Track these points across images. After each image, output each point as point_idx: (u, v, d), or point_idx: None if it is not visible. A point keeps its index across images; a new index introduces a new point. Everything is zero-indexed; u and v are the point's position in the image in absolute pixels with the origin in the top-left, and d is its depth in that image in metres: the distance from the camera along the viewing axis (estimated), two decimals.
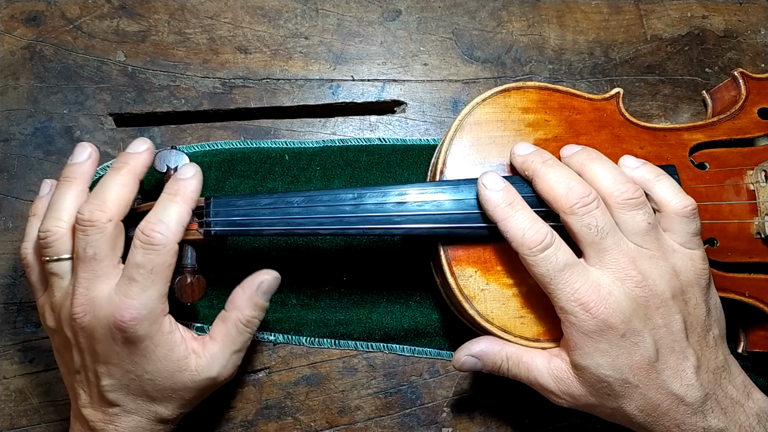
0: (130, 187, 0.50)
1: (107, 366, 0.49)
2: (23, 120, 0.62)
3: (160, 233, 0.47)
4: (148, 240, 0.47)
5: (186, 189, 0.50)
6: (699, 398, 0.47)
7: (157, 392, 0.50)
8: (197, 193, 0.51)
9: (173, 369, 0.49)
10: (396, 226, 0.51)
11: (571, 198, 0.47)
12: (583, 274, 0.46)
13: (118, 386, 0.49)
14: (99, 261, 0.48)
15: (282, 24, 0.66)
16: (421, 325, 0.60)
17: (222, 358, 0.51)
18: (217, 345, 0.51)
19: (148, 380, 0.49)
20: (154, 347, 0.48)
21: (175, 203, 0.49)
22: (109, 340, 0.48)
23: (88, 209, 0.48)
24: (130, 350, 0.48)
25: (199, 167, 0.52)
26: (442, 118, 0.65)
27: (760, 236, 0.55)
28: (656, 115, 0.66)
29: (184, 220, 0.49)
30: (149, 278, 0.47)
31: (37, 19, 0.64)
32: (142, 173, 0.52)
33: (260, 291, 0.52)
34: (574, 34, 0.67)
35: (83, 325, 0.48)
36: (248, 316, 0.52)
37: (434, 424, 0.60)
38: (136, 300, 0.47)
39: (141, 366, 0.49)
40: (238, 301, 0.52)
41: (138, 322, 0.47)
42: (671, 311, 0.47)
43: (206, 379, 0.51)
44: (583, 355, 0.47)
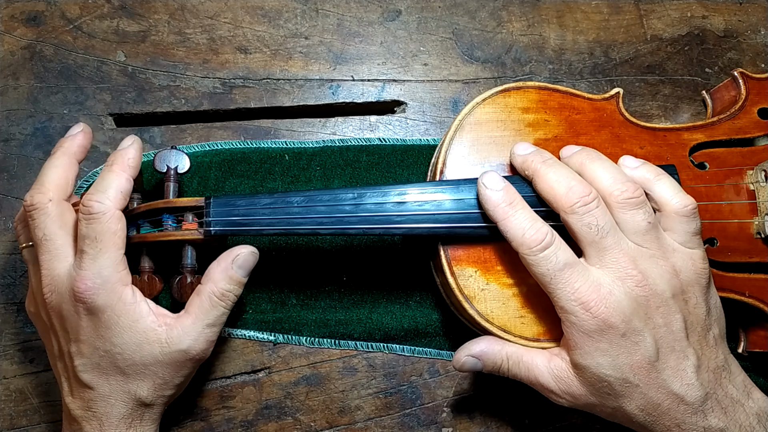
0: (64, 167, 0.52)
1: (77, 344, 0.50)
2: (23, 120, 0.62)
3: (98, 201, 0.49)
4: (88, 210, 0.49)
5: (122, 157, 0.52)
6: (699, 398, 0.47)
7: (128, 367, 0.50)
8: (135, 161, 0.52)
9: (141, 340, 0.50)
10: (396, 226, 0.51)
11: (572, 197, 0.47)
12: (583, 273, 0.46)
13: (90, 365, 0.50)
14: (50, 240, 0.50)
15: (282, 24, 0.66)
16: (421, 325, 0.60)
17: (194, 331, 0.51)
18: (189, 317, 0.51)
19: (117, 354, 0.49)
20: (117, 317, 0.49)
21: (111, 172, 0.51)
22: (74, 315, 0.49)
23: (29, 195, 0.50)
24: (94, 323, 0.49)
25: (137, 137, 0.54)
26: (442, 118, 0.65)
27: (760, 236, 0.55)
28: (656, 115, 0.66)
29: (122, 187, 0.51)
30: (96, 247, 0.48)
31: (37, 19, 0.64)
32: (79, 153, 0.53)
33: (235, 264, 0.52)
34: (574, 34, 0.67)
35: (52, 304, 0.50)
36: (222, 288, 0.52)
37: (434, 424, 0.60)
38: (88, 270, 0.48)
39: (107, 339, 0.49)
40: (212, 273, 0.52)
41: (94, 291, 0.48)
42: (671, 310, 0.47)
43: (177, 351, 0.50)
44: (583, 355, 0.47)
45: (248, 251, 0.53)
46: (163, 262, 0.55)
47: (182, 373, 0.52)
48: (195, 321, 0.51)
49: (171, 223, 0.53)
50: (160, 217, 0.53)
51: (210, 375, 0.59)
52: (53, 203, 0.50)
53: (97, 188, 0.50)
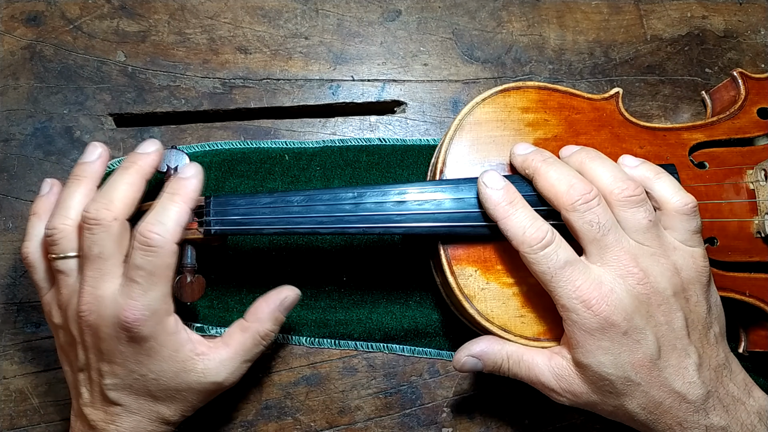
0: (136, 186, 0.50)
1: (111, 365, 0.49)
2: (23, 120, 0.62)
3: (158, 234, 0.47)
4: (147, 242, 0.47)
5: (186, 189, 0.50)
6: (701, 396, 0.47)
7: (161, 392, 0.50)
8: (197, 193, 0.50)
9: (179, 369, 0.49)
10: (396, 226, 0.51)
11: (573, 195, 0.47)
12: (584, 271, 0.46)
13: (121, 385, 0.49)
14: (104, 260, 0.48)
15: (282, 24, 0.66)
16: (421, 325, 0.60)
17: (231, 365, 0.52)
18: (229, 351, 0.52)
19: (152, 380, 0.49)
20: (159, 347, 0.48)
21: (174, 203, 0.49)
22: (113, 339, 0.48)
23: (94, 207, 0.48)
24: (134, 350, 0.48)
25: (200, 167, 0.51)
26: (442, 118, 0.65)
27: (760, 235, 0.55)
28: (656, 115, 0.66)
29: (183, 221, 0.49)
30: (150, 280, 0.47)
31: (37, 19, 0.64)
32: (150, 173, 0.52)
33: (283, 306, 0.53)
34: (574, 34, 0.67)
35: (89, 323, 0.48)
36: (268, 329, 0.53)
37: (434, 424, 0.59)
38: (139, 301, 0.47)
39: (146, 365, 0.49)
40: (260, 313, 0.53)
41: (142, 323, 0.47)
42: (673, 308, 0.47)
43: (212, 382, 0.51)
44: (585, 353, 0.47)
45: (295, 294, 0.54)
46: None
47: (209, 398, 0.53)
48: (234, 356, 0.52)
49: None
50: None
51: None
52: (118, 222, 0.48)
53: (158, 218, 0.48)
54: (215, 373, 0.51)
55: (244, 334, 0.52)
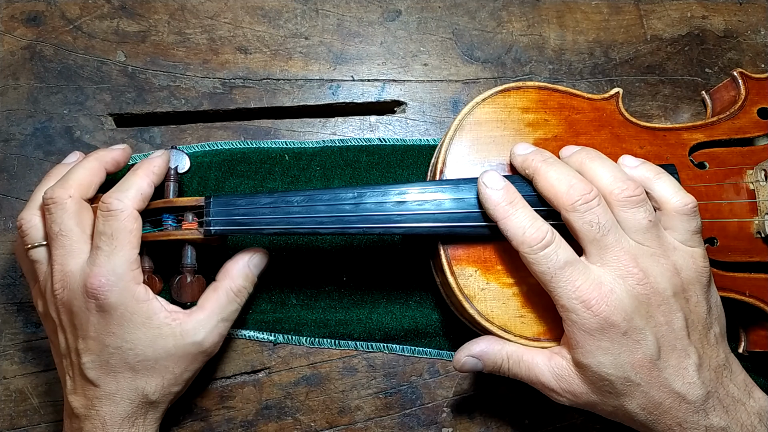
0: (92, 170, 0.53)
1: (86, 340, 0.50)
2: (23, 120, 0.62)
3: (117, 199, 0.50)
4: (106, 207, 0.50)
5: (148, 163, 0.53)
6: (701, 396, 0.47)
7: (138, 363, 0.50)
8: (160, 169, 0.53)
9: (155, 335, 0.50)
10: (396, 226, 0.51)
11: (573, 195, 0.47)
12: (584, 271, 0.46)
13: (98, 362, 0.50)
14: (65, 236, 0.50)
15: (282, 24, 0.66)
16: (421, 325, 0.60)
17: (208, 324, 0.52)
18: (204, 311, 0.53)
19: (128, 350, 0.50)
20: (130, 315, 0.49)
21: (135, 175, 0.52)
22: (84, 312, 0.49)
23: (50, 189, 0.51)
24: (105, 320, 0.49)
25: (168, 152, 0.55)
26: (442, 118, 0.65)
27: (760, 235, 0.55)
28: (656, 115, 0.66)
29: (142, 189, 0.51)
30: (112, 244, 0.49)
31: (37, 19, 0.64)
32: (110, 164, 0.54)
33: (251, 263, 0.55)
34: (574, 35, 0.67)
35: (63, 300, 0.50)
36: (239, 285, 0.54)
37: (434, 424, 0.59)
38: (103, 267, 0.48)
39: (119, 336, 0.49)
40: (230, 270, 0.55)
41: (108, 288, 0.48)
42: (673, 309, 0.47)
43: (192, 343, 0.51)
44: (585, 353, 0.47)
45: (263, 252, 0.56)
46: (163, 262, 0.55)
47: (192, 367, 0.53)
48: (210, 314, 0.53)
49: (171, 223, 0.53)
50: (160, 216, 0.53)
51: (210, 375, 0.59)
52: (72, 199, 0.50)
53: (118, 188, 0.51)
54: (193, 333, 0.51)
55: (217, 292, 0.54)
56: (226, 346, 0.59)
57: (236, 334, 0.59)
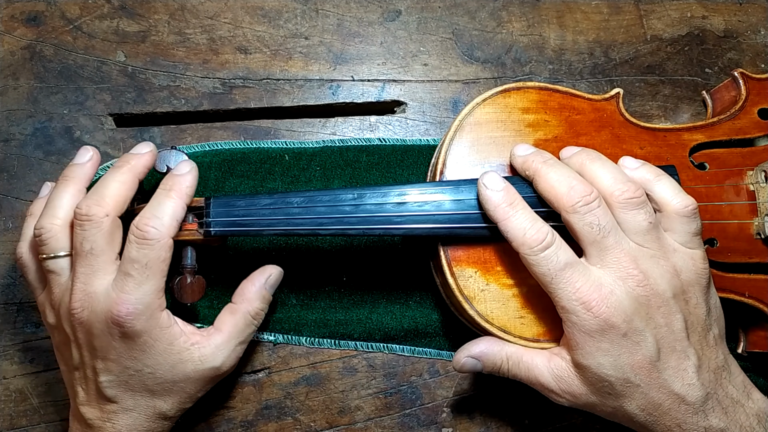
0: (128, 185, 0.51)
1: (105, 361, 0.49)
2: (23, 120, 0.62)
3: (154, 228, 0.48)
4: (142, 235, 0.47)
5: (181, 184, 0.50)
6: (700, 398, 0.47)
7: (157, 386, 0.50)
8: (192, 189, 0.51)
9: (175, 361, 0.50)
10: (396, 227, 0.51)
11: (573, 196, 0.47)
12: (584, 273, 0.46)
13: (116, 382, 0.49)
14: (96, 256, 0.48)
15: (282, 24, 0.66)
16: (421, 325, 0.60)
17: (227, 349, 0.52)
18: (223, 335, 0.52)
19: (149, 374, 0.49)
20: (153, 342, 0.49)
21: (169, 198, 0.50)
22: (106, 335, 0.48)
23: (85, 204, 0.48)
24: (128, 345, 0.48)
25: (195, 164, 0.52)
26: (442, 118, 0.65)
27: (760, 236, 0.55)
28: (656, 116, 0.66)
29: (178, 215, 0.49)
30: (144, 273, 0.47)
31: (37, 19, 0.64)
32: (143, 173, 0.52)
33: (268, 284, 0.55)
34: (574, 35, 0.67)
35: (81, 320, 0.48)
36: (257, 308, 0.54)
37: (434, 424, 0.60)
38: (132, 295, 0.47)
39: (141, 361, 0.49)
40: (247, 293, 0.54)
41: (134, 317, 0.47)
42: (672, 310, 0.47)
43: (210, 368, 0.51)
44: (584, 355, 0.47)
45: (278, 271, 0.56)
46: None
47: (207, 387, 0.53)
48: (229, 339, 0.52)
49: None
50: None
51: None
52: (109, 218, 0.48)
53: (154, 213, 0.49)
54: (212, 359, 0.51)
55: (235, 316, 0.53)
56: None
57: None
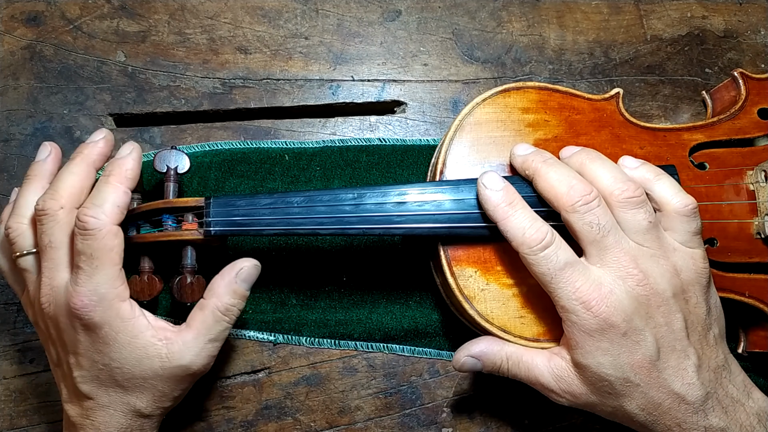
0: (82, 175, 0.51)
1: (76, 356, 0.49)
2: (23, 120, 0.62)
3: (93, 217, 0.47)
4: (83, 225, 0.47)
5: (120, 168, 0.50)
6: (700, 397, 0.47)
7: (126, 381, 0.49)
8: (133, 172, 0.51)
9: (140, 355, 0.49)
10: (396, 226, 0.51)
11: (573, 196, 0.47)
12: (584, 272, 0.47)
13: (89, 377, 0.49)
14: (55, 248, 0.48)
15: (282, 24, 0.66)
16: (421, 325, 0.60)
17: (195, 346, 0.50)
18: (191, 332, 0.51)
19: (116, 368, 0.49)
20: (115, 334, 0.48)
21: (107, 184, 0.49)
22: (71, 329, 0.48)
23: (41, 199, 0.49)
24: (91, 338, 0.48)
25: (137, 145, 0.52)
26: (442, 118, 0.65)
27: (760, 236, 0.55)
28: (656, 116, 0.66)
29: (119, 201, 0.49)
30: (92, 264, 0.47)
31: (37, 19, 0.64)
32: (99, 162, 0.52)
33: (239, 278, 0.52)
34: (574, 35, 0.67)
35: (50, 315, 0.49)
36: (227, 303, 0.51)
37: (434, 424, 0.60)
38: (84, 287, 0.47)
39: (106, 354, 0.48)
40: (216, 287, 0.51)
41: (90, 308, 0.47)
42: (672, 310, 0.47)
43: (178, 366, 0.50)
44: (584, 354, 0.47)
45: (251, 264, 0.52)
46: (163, 262, 0.55)
47: (181, 386, 0.52)
48: (197, 336, 0.51)
49: (171, 224, 0.53)
50: (160, 217, 0.53)
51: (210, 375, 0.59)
52: (64, 211, 0.49)
53: (93, 201, 0.48)
54: (179, 357, 0.50)
55: (204, 312, 0.51)
56: (226, 346, 0.59)
57: (236, 334, 0.59)
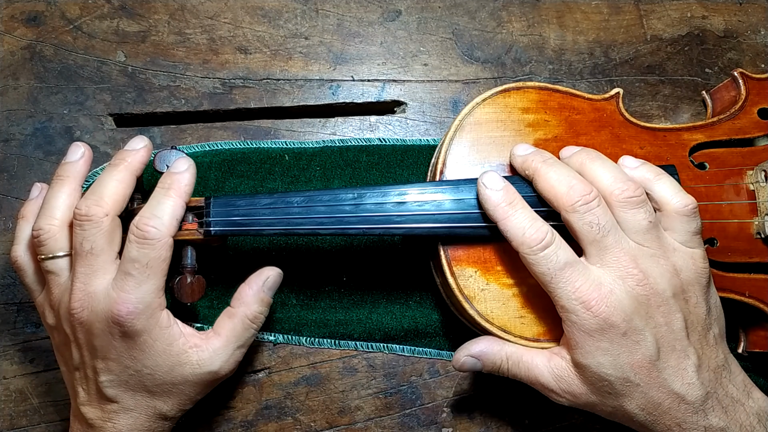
0: (126, 182, 0.50)
1: (105, 361, 0.49)
2: (23, 120, 0.62)
3: (154, 227, 0.48)
4: (143, 235, 0.47)
5: (179, 182, 0.50)
6: (700, 397, 0.47)
7: (156, 387, 0.50)
8: (190, 187, 0.51)
9: (173, 363, 0.49)
10: (396, 226, 0.51)
11: (573, 196, 0.47)
12: (583, 272, 0.46)
13: (116, 382, 0.49)
14: (96, 255, 0.48)
15: (282, 24, 0.66)
16: (421, 325, 0.60)
17: (225, 353, 0.51)
18: (221, 340, 0.52)
19: (147, 375, 0.49)
20: (153, 342, 0.49)
21: (168, 197, 0.49)
22: (106, 335, 0.48)
23: (85, 204, 0.48)
24: (128, 345, 0.48)
25: (192, 161, 0.52)
26: (442, 118, 0.65)
27: (760, 236, 0.55)
28: (656, 116, 0.66)
29: (177, 214, 0.49)
30: (145, 272, 0.47)
31: (37, 19, 0.64)
32: (139, 170, 0.52)
33: (266, 287, 0.54)
34: (574, 35, 0.67)
35: (81, 320, 0.48)
36: (255, 311, 0.53)
37: (434, 424, 0.60)
38: (132, 294, 0.47)
39: (140, 361, 0.49)
40: (245, 297, 0.53)
41: (135, 316, 0.47)
42: (672, 310, 0.47)
43: (208, 372, 0.51)
44: (584, 354, 0.47)
45: (276, 273, 0.54)
46: None
47: (207, 390, 0.53)
48: (227, 343, 0.52)
49: None
50: None
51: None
52: (109, 218, 0.48)
53: (154, 212, 0.49)
54: (210, 363, 0.51)
55: (233, 320, 0.52)
56: None
57: None
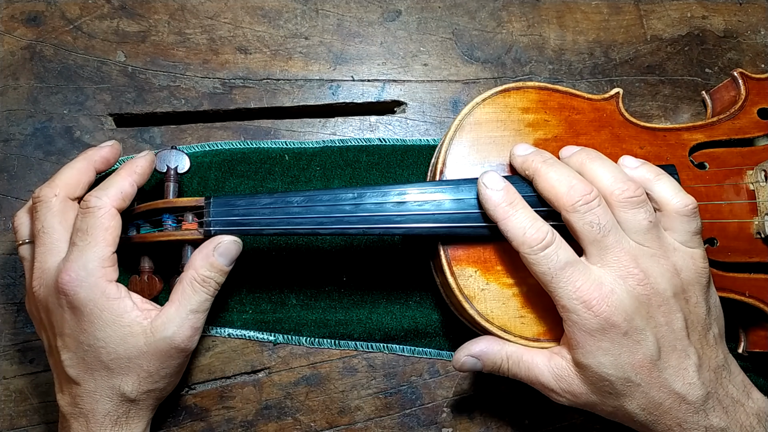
0: (79, 170, 0.53)
1: (62, 337, 0.50)
2: (23, 120, 0.62)
3: (96, 197, 0.50)
4: (84, 205, 0.50)
5: (131, 164, 0.53)
6: (701, 397, 0.47)
7: (112, 362, 0.50)
8: (142, 168, 0.53)
9: (125, 333, 0.50)
10: (396, 226, 0.51)
11: (573, 196, 0.47)
12: (584, 272, 0.46)
13: (75, 360, 0.50)
14: (47, 233, 0.50)
15: (282, 24, 0.66)
16: (421, 325, 0.60)
17: (177, 317, 0.51)
18: (172, 305, 0.51)
19: (101, 348, 0.49)
20: (99, 312, 0.49)
21: (117, 175, 0.52)
22: (58, 309, 0.50)
23: (39, 189, 0.52)
24: (77, 317, 0.49)
25: (153, 154, 0.55)
26: (442, 118, 0.65)
27: (760, 236, 0.55)
28: (656, 116, 0.66)
29: (123, 188, 0.51)
30: (86, 239, 0.49)
31: (37, 19, 0.64)
32: (100, 163, 0.54)
33: (217, 252, 0.52)
34: (574, 35, 0.67)
35: (40, 298, 0.50)
36: (203, 274, 0.51)
37: (434, 424, 0.60)
38: (74, 262, 0.49)
39: (90, 333, 0.49)
40: (192, 259, 0.52)
41: (77, 283, 0.48)
42: (672, 309, 0.47)
43: (161, 339, 0.50)
44: (585, 354, 0.47)
45: (230, 239, 0.52)
46: (163, 262, 0.55)
47: (168, 364, 0.51)
48: (178, 307, 0.51)
49: (171, 223, 0.53)
50: (160, 217, 0.53)
51: (210, 375, 0.59)
52: (57, 198, 0.51)
53: (100, 187, 0.51)
54: (162, 329, 0.50)
55: (181, 283, 0.52)
56: (226, 346, 0.59)
57: (236, 334, 0.59)
